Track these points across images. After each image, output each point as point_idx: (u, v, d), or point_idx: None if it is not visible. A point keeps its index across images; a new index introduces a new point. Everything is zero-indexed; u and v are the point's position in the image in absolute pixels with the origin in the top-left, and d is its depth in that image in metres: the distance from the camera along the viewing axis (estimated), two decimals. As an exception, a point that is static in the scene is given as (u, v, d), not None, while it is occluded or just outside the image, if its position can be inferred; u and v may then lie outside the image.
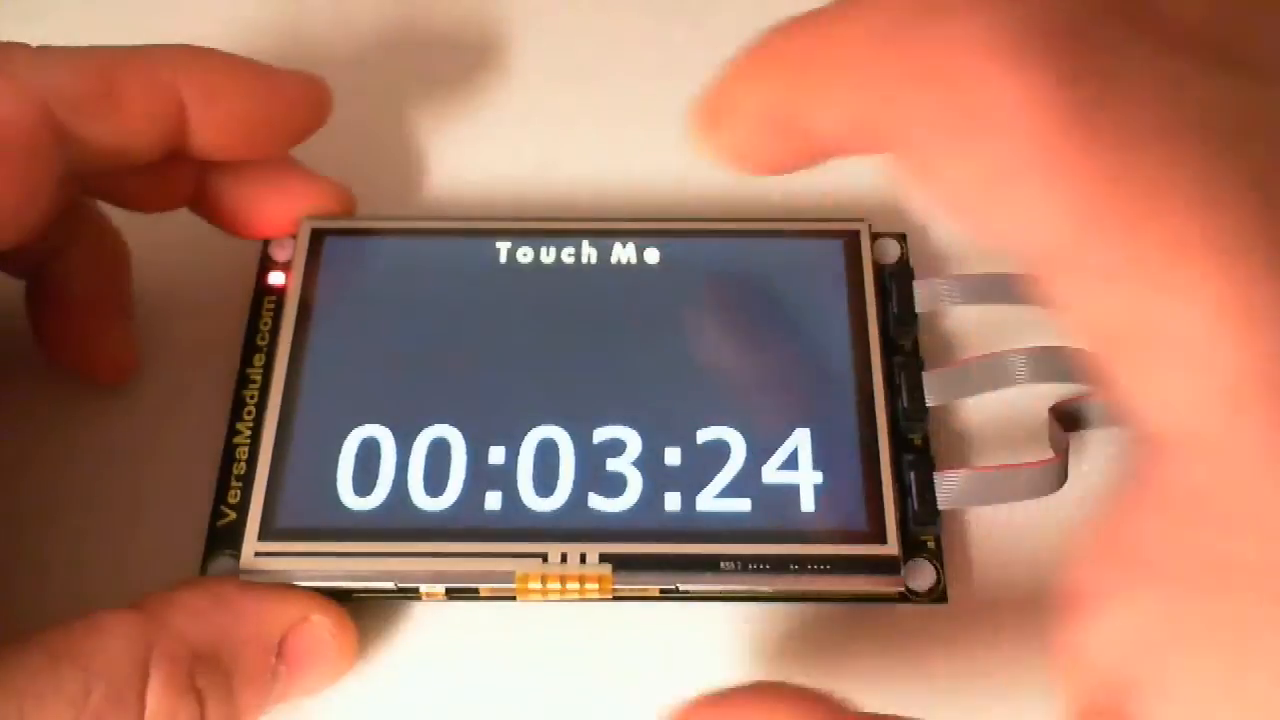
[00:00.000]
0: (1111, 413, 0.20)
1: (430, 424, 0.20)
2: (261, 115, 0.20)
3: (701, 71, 0.28)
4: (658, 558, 0.19)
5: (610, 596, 0.19)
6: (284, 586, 0.19)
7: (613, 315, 0.21)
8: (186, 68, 0.19)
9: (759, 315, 0.21)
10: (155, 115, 0.19)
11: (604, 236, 0.22)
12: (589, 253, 0.22)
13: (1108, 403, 0.20)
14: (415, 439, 0.20)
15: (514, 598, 0.19)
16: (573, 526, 0.19)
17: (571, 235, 0.22)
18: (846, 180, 0.25)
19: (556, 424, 0.20)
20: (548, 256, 0.22)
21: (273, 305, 0.22)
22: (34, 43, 0.18)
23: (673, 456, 0.20)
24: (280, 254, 0.22)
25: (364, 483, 0.19)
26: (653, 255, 0.22)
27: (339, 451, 0.20)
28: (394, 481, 0.19)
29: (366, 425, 0.20)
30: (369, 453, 0.20)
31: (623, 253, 0.22)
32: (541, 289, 0.21)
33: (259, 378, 0.21)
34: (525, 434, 0.20)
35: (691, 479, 0.19)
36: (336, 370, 0.20)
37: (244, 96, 0.20)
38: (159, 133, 0.19)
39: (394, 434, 0.20)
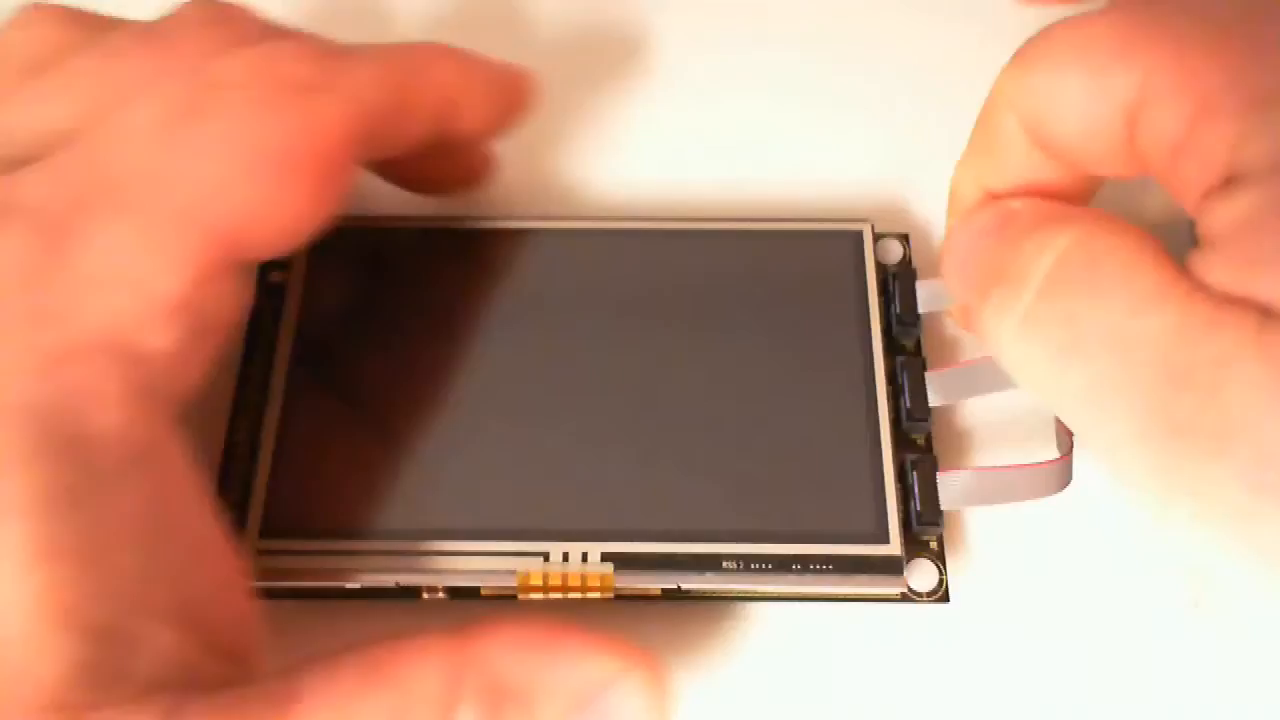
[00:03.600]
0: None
1: (432, 422, 0.20)
2: (506, 108, 0.21)
3: (701, 73, 0.28)
4: (660, 557, 0.19)
5: (612, 596, 0.19)
6: (607, 636, 0.16)
7: (614, 314, 0.21)
8: (454, 73, 0.19)
9: (762, 315, 0.21)
10: (433, 123, 0.19)
11: (606, 236, 0.22)
12: (591, 253, 0.22)
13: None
14: (417, 437, 0.20)
15: (515, 597, 0.19)
16: (574, 526, 0.19)
17: (574, 235, 0.22)
18: (850, 181, 0.25)
19: (558, 422, 0.20)
20: (551, 256, 0.22)
21: (274, 304, 0.22)
22: None
23: (675, 456, 0.20)
24: (282, 252, 0.22)
25: (365, 482, 0.19)
26: (655, 255, 0.22)
27: (340, 450, 0.20)
28: (395, 480, 0.19)
29: (368, 423, 0.20)
30: (370, 451, 0.20)
31: (625, 253, 0.22)
32: (544, 289, 0.21)
33: (260, 376, 0.21)
34: (527, 432, 0.20)
35: (694, 478, 0.19)
36: (337, 369, 0.20)
37: (496, 93, 0.20)
38: (431, 136, 0.19)
39: (395, 432, 0.20)
